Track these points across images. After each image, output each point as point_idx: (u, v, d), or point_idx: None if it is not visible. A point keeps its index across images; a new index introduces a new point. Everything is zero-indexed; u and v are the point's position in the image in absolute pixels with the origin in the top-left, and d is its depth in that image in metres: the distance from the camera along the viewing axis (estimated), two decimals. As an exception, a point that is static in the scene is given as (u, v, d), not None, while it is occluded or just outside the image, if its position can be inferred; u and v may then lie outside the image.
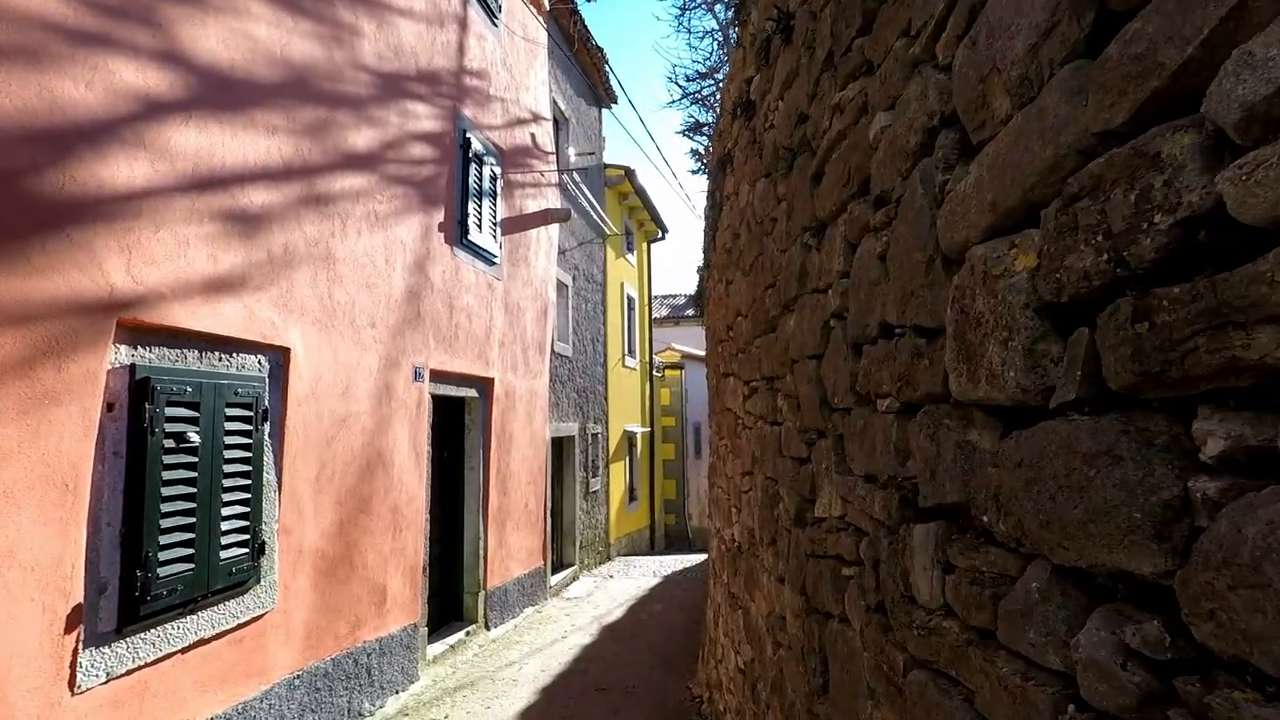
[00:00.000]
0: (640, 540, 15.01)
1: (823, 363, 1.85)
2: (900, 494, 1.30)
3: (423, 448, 6.11)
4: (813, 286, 1.97)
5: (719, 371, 4.26)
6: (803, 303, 2.06)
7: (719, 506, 4.34)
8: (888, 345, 1.40)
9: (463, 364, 6.87)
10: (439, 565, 6.96)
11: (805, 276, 2.06)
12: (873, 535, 1.44)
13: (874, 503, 1.44)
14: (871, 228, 1.50)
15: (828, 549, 1.74)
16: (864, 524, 1.51)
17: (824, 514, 1.81)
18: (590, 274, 12.00)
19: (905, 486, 1.32)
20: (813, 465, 1.95)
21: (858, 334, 1.56)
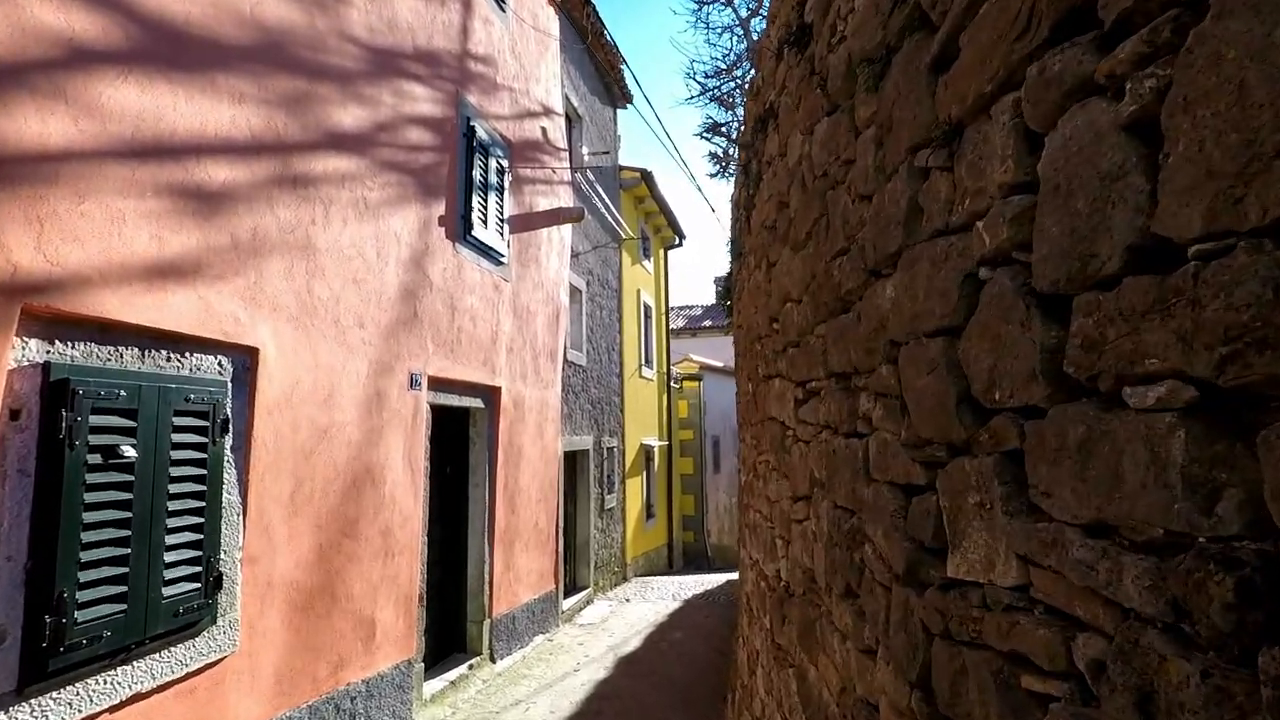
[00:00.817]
0: (658, 559, 14.28)
1: (963, 339, 1.19)
2: (1229, 574, 0.63)
3: (419, 462, 5.47)
4: (935, 228, 1.31)
5: (757, 375, 3.59)
6: (914, 256, 1.40)
7: (756, 534, 3.66)
8: (1158, 283, 0.74)
9: (466, 371, 6.24)
10: (439, 592, 6.30)
11: (918, 217, 1.39)
12: (1122, 644, 0.77)
13: (1123, 579, 0.77)
14: (1098, 82, 0.84)
15: (988, 637, 1.07)
16: (1092, 614, 0.84)
17: (972, 576, 1.14)
18: (605, 280, 11.39)
19: (1221, 555, 0.65)
20: (940, 497, 1.27)
21: (1064, 276, 0.89)
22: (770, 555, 3.20)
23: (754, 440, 3.74)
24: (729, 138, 13.30)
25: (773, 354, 3.09)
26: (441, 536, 6.37)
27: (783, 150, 2.81)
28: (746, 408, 4.08)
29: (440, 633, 6.37)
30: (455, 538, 6.65)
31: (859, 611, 1.85)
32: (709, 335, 26.18)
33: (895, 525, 1.49)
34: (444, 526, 6.42)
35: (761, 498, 3.52)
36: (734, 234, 4.73)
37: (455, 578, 6.61)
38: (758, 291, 3.54)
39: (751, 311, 3.85)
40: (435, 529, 6.15)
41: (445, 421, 6.34)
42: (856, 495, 1.86)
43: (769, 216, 3.13)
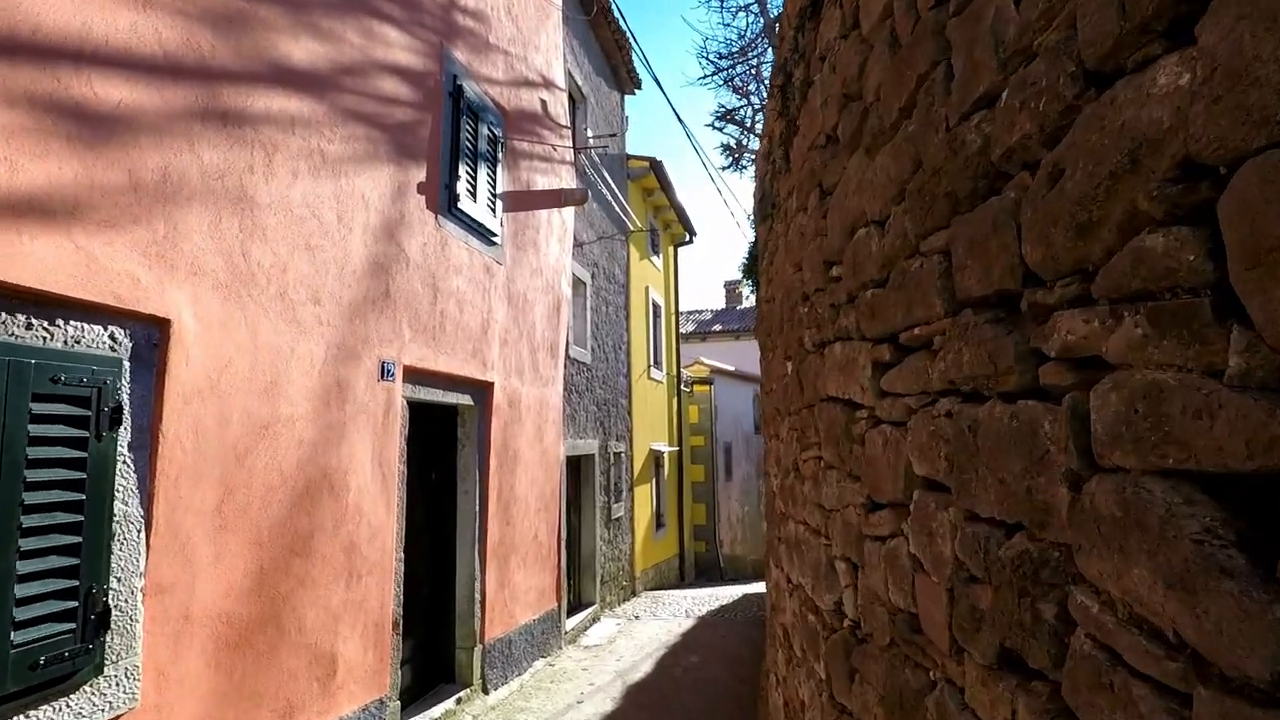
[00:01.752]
0: (669, 571, 13.40)
1: None
2: None
3: (393, 467, 4.66)
4: None
5: (799, 350, 2.76)
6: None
7: (799, 552, 2.82)
8: None
9: (451, 362, 5.43)
10: (423, 615, 5.48)
11: None
12: None
13: None
14: None
15: None
16: None
17: None
18: (611, 274, 10.59)
19: None
20: None
21: None
22: (825, 582, 2.37)
23: (795, 433, 2.91)
24: (743, 125, 12.51)
25: (829, 312, 2.26)
26: (425, 552, 5.55)
27: (851, 21, 1.99)
28: (783, 395, 3.25)
29: (425, 662, 5.53)
30: (442, 554, 5.82)
31: (1043, 709, 1.02)
32: (719, 340, 25.35)
33: (1205, 563, 0.66)
34: (428, 541, 5.60)
35: (807, 506, 2.69)
36: (761, 191, 3.91)
37: (442, 599, 5.78)
38: (800, 242, 2.72)
39: (790, 272, 3.02)
40: (417, 543, 5.33)
41: (427, 420, 5.53)
42: (1038, 500, 1.03)
43: (824, 128, 2.31)
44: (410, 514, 5.08)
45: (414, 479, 5.24)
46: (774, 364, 3.52)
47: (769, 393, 3.98)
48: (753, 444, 20.96)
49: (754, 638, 7.97)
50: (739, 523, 19.38)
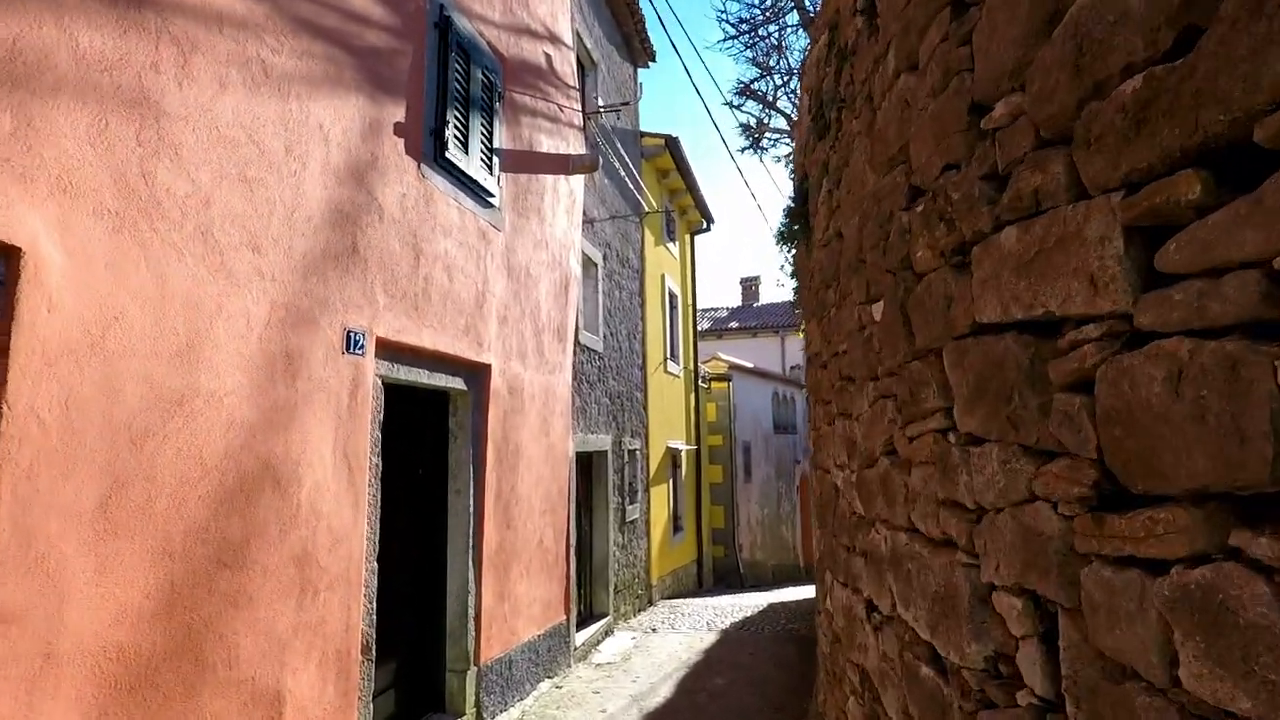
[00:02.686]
0: (686, 578, 12.50)
1: None
2: None
3: (363, 459, 3.82)
4: None
5: (903, 272, 1.88)
6: None
7: (900, 570, 1.94)
8: None
9: (439, 338, 4.59)
10: (406, 635, 4.63)
11: None
12: None
13: None
14: None
15: None
16: None
17: None
18: (625, 257, 9.73)
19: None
20: None
21: None
22: (966, 624, 1.49)
23: (888, 401, 2.03)
24: (764, 100, 11.62)
25: (984, 191, 1.38)
26: (410, 561, 4.70)
27: None
28: (863, 353, 2.37)
29: (409, 689, 4.68)
30: (430, 562, 4.98)
31: None
32: (735, 337, 24.47)
33: None
34: (413, 548, 4.76)
35: (919, 503, 1.81)
36: (817, 100, 3.01)
37: (429, 615, 4.94)
38: (905, 116, 1.84)
39: (874, 179, 2.14)
40: (399, 551, 4.49)
41: (411, 407, 4.69)
42: None
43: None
44: (389, 516, 4.24)
45: (394, 475, 4.40)
46: (842, 317, 2.65)
47: (828, 362, 3.10)
48: (772, 444, 20.02)
49: (787, 657, 7.07)
50: (759, 526, 18.46)
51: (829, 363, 3.09)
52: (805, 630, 8.12)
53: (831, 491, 3.08)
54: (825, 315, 3.15)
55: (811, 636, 7.73)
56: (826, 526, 3.28)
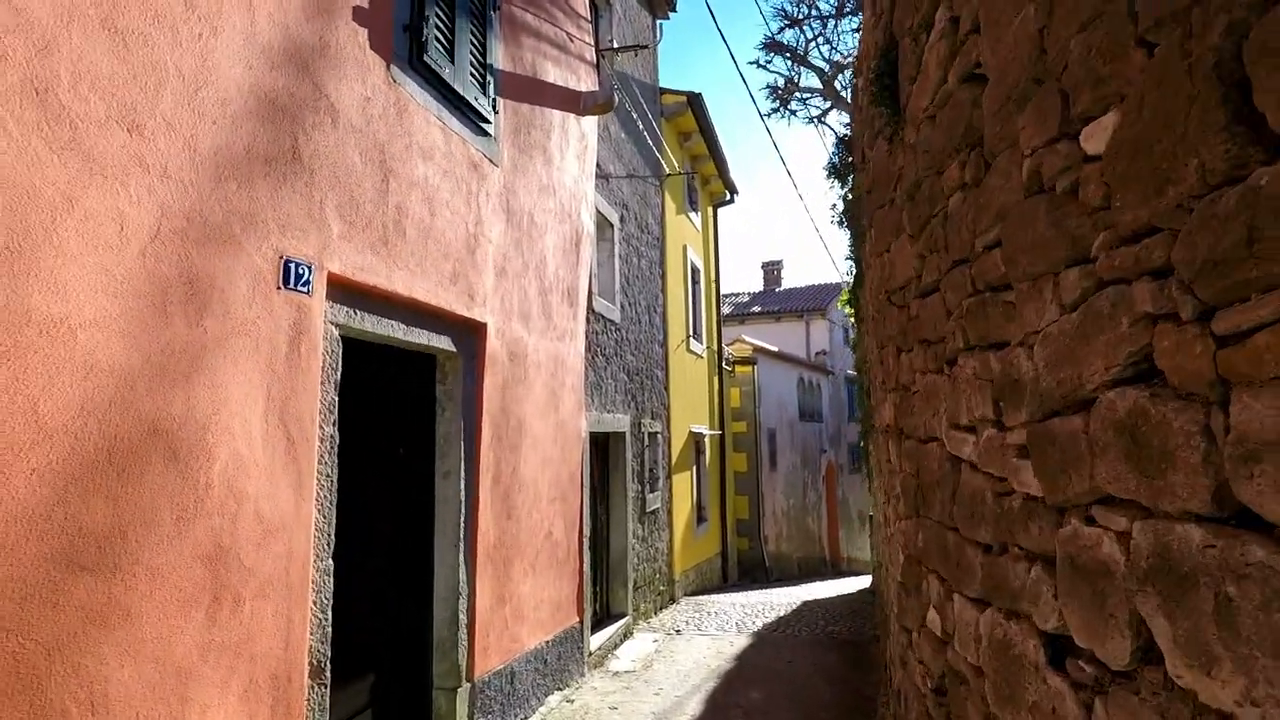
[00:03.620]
0: (710, 572, 11.59)
1: None
2: None
3: (309, 426, 2.93)
4: None
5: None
6: None
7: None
8: None
9: (417, 283, 3.70)
10: (381, 648, 3.77)
11: None
12: None
13: None
14: None
15: None
16: None
17: None
18: (644, 222, 8.80)
19: None
20: None
21: None
22: None
23: (1100, 289, 1.10)
24: (795, 55, 10.59)
25: None
26: (386, 557, 3.84)
27: None
28: (1036, 228, 1.42)
29: (386, 714, 3.83)
30: (413, 559, 4.11)
31: None
32: (758, 322, 23.42)
33: None
34: (390, 541, 3.89)
35: (1212, 471, 0.89)
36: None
37: (414, 623, 4.07)
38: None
39: None
40: (369, 545, 3.62)
41: (384, 368, 3.82)
42: None
43: None
44: (354, 502, 3.37)
45: (362, 452, 3.54)
46: (989, 191, 1.70)
47: (939, 282, 2.15)
48: (798, 432, 19.04)
49: (830, 666, 6.13)
50: (784, 518, 17.51)
51: (940, 282, 2.14)
52: (847, 634, 7.19)
53: (943, 466, 2.15)
54: (929, 214, 2.21)
55: (857, 641, 6.79)
56: (929, 514, 2.34)
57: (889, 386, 3.16)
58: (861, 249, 4.90)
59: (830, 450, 21.75)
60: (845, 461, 23.07)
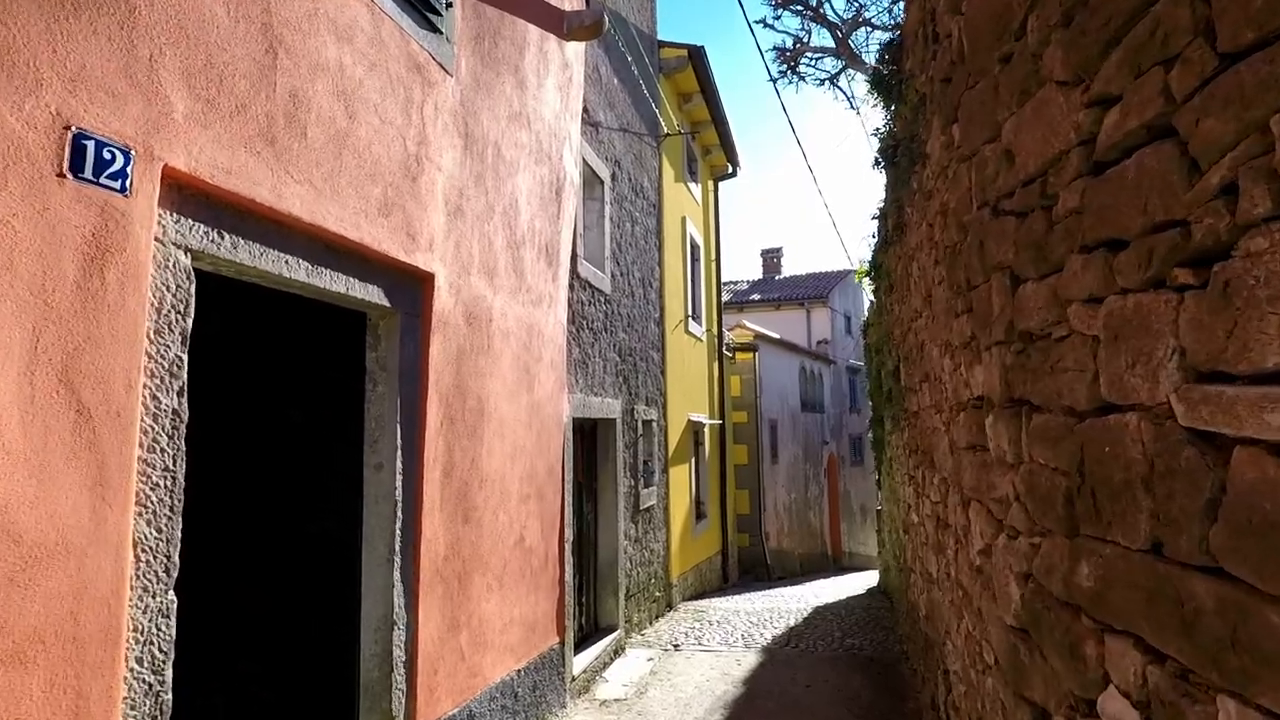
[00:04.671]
0: (710, 573, 10.62)
1: None
2: None
3: (123, 397, 1.91)
4: None
5: None
6: None
7: None
8: None
9: (326, 206, 2.67)
10: (288, 701, 2.77)
11: None
12: None
13: None
14: None
15: None
16: None
17: None
18: (639, 184, 7.77)
19: None
20: None
21: None
22: None
23: None
24: (809, 9, 9.55)
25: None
26: (288, 581, 2.84)
27: None
28: None
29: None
30: (330, 579, 3.10)
31: None
32: (758, 310, 22.41)
33: None
34: (295, 557, 2.89)
35: None
36: None
37: (335, 663, 3.07)
38: None
39: None
40: (260, 565, 2.62)
41: (284, 324, 2.80)
42: None
43: None
44: (229, 506, 2.37)
45: (247, 435, 2.53)
46: None
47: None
48: (800, 423, 18.08)
49: (857, 692, 5.15)
50: (785, 512, 16.57)
51: (1179, 119, 1.14)
52: (870, 649, 6.21)
53: (1173, 452, 1.15)
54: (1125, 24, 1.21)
55: (881, 659, 5.82)
56: (1112, 535, 1.35)
57: (987, 341, 2.16)
58: (908, 189, 3.89)
59: (832, 442, 20.80)
60: (847, 454, 22.14)
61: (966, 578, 2.69)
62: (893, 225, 4.86)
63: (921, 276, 3.63)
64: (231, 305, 3.56)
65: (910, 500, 5.47)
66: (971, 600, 2.58)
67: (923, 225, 3.43)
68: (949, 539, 3.26)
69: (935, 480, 3.65)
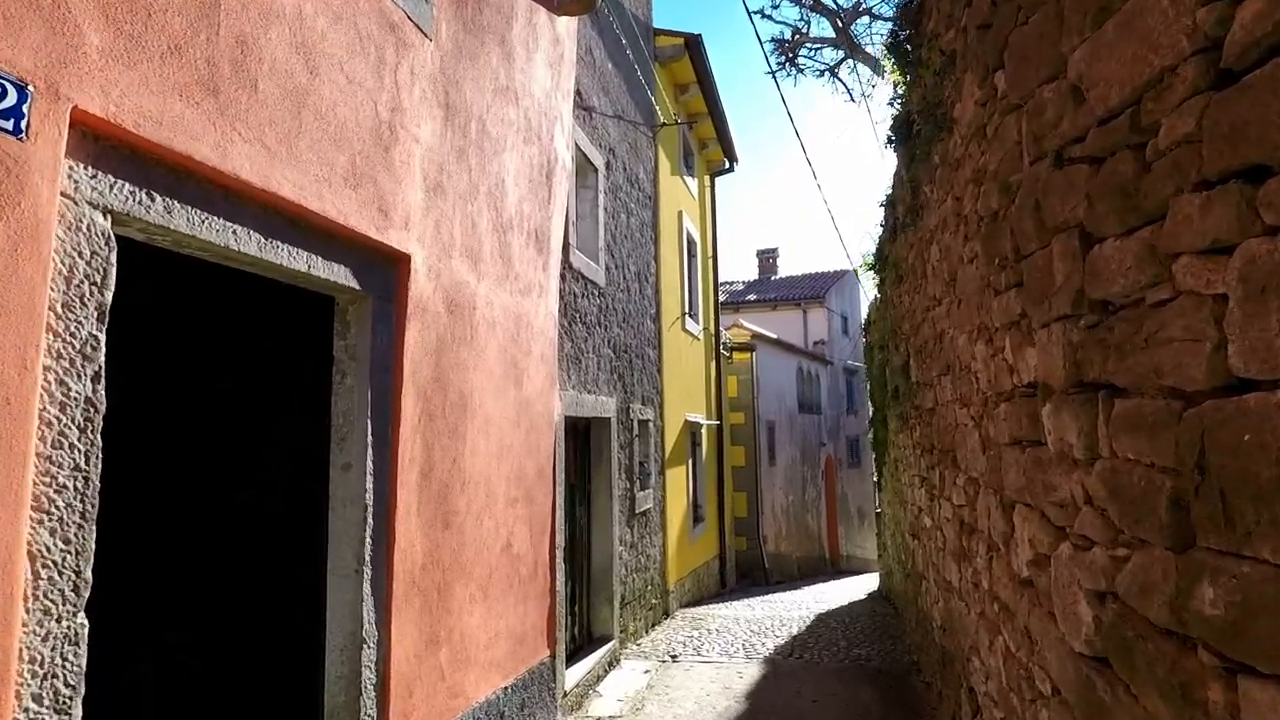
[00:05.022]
0: (708, 578, 10.30)
1: None
2: None
3: (18, 382, 1.59)
4: None
5: None
6: None
7: None
8: None
9: (281, 171, 2.35)
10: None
11: None
12: None
13: None
14: None
15: None
16: None
17: None
18: (634, 174, 7.46)
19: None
20: None
21: None
22: None
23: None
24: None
25: None
26: (246, 591, 2.51)
27: None
28: None
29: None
30: (291, 592, 2.77)
31: None
32: (754, 310, 22.12)
33: None
34: (253, 568, 2.56)
35: None
36: None
37: (291, 687, 2.74)
38: None
39: None
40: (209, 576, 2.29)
41: (238, 304, 2.47)
42: None
43: None
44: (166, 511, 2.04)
45: (192, 428, 2.20)
46: None
47: None
48: (797, 424, 17.79)
49: (867, 707, 4.84)
50: (783, 515, 16.28)
51: None
52: (879, 660, 5.90)
53: None
54: None
55: (891, 671, 5.51)
56: (1253, 549, 1.02)
57: (1043, 317, 1.85)
58: (927, 165, 3.59)
59: (829, 444, 20.52)
60: (844, 456, 21.86)
61: (1007, 591, 2.38)
62: (905, 210, 4.56)
63: (944, 258, 3.32)
64: (157, 275, 3.23)
65: (921, 503, 5.16)
66: (1014, 617, 2.26)
67: (946, 201, 3.12)
68: (977, 545, 2.95)
69: (959, 481, 3.34)
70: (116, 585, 2.64)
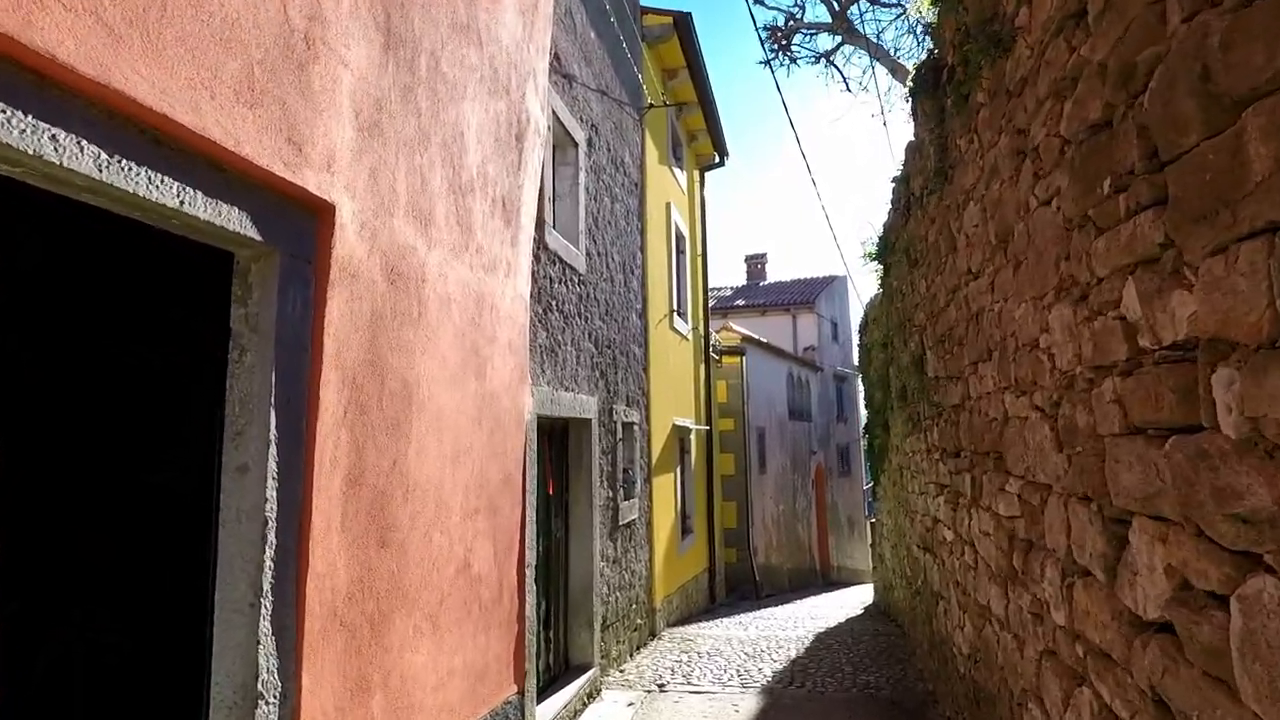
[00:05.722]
0: (696, 593, 9.65)
1: None
2: None
3: None
4: None
5: None
6: None
7: None
8: None
9: (135, 66, 1.71)
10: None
11: None
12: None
13: None
14: None
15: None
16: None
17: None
18: (619, 157, 6.87)
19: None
20: None
21: None
22: None
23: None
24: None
25: None
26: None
27: None
28: None
29: None
30: (173, 636, 2.11)
31: None
32: (742, 315, 21.58)
33: None
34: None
35: None
36: None
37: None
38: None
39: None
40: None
41: (96, 255, 1.83)
42: None
43: None
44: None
45: (93, 372, 1.56)
46: None
47: None
48: (788, 431, 17.22)
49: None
50: (774, 525, 15.68)
51: None
52: (889, 688, 5.28)
53: None
54: None
55: (904, 702, 4.89)
56: None
57: (1214, 239, 1.26)
58: (964, 112, 3.01)
59: (820, 452, 19.97)
60: (835, 464, 21.32)
61: (1108, 633, 1.77)
62: (925, 180, 3.99)
63: (990, 217, 2.73)
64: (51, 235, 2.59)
65: (939, 514, 4.56)
66: (1131, 671, 1.65)
67: (998, 143, 2.54)
68: (1042, 567, 2.35)
69: (1008, 487, 2.74)
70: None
